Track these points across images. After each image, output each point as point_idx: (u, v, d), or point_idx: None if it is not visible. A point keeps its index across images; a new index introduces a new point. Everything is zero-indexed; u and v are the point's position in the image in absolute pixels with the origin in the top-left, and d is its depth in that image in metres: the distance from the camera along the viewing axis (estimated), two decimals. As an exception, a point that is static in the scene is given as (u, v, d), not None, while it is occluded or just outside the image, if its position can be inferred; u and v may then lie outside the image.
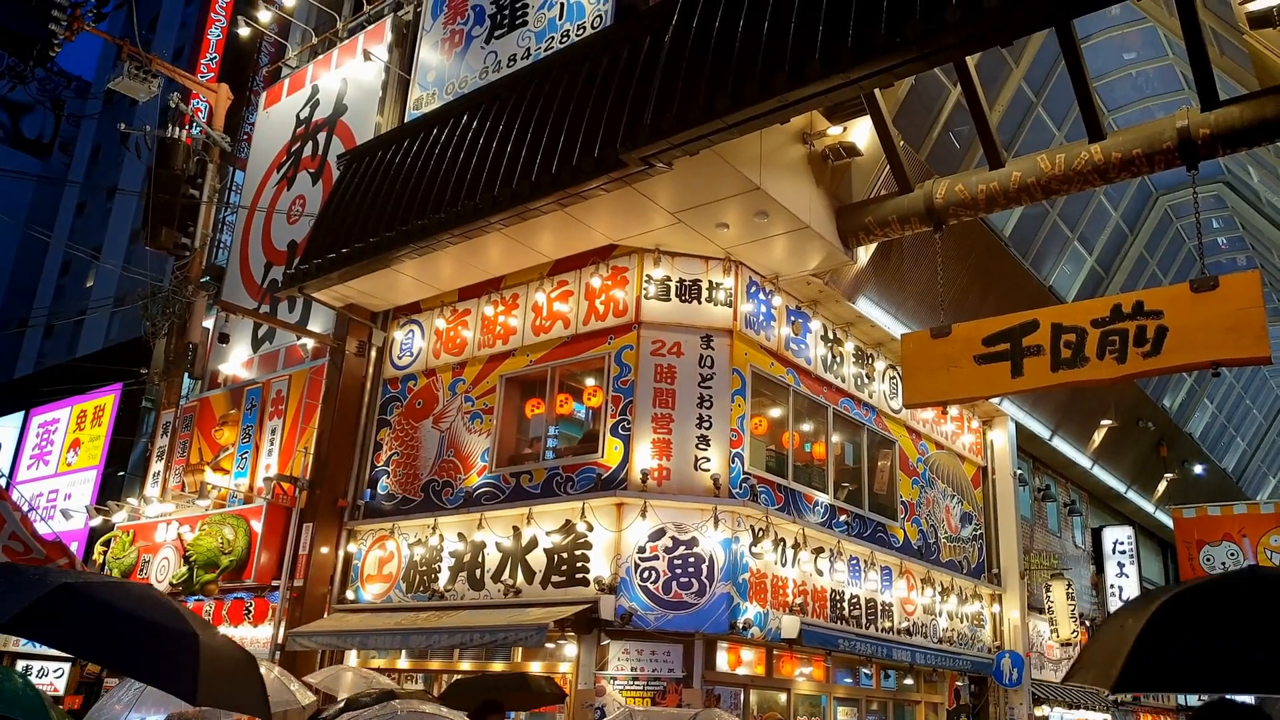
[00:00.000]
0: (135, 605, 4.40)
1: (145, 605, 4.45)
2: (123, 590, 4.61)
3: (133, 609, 4.35)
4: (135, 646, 4.23)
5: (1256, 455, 31.80)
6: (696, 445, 10.36)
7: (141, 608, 4.40)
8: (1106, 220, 18.48)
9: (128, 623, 4.25)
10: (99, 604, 4.30)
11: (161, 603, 4.52)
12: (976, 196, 9.85)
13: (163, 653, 4.22)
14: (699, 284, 10.90)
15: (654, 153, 8.92)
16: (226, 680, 4.38)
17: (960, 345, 9.16)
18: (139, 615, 4.32)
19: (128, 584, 4.68)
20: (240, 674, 4.59)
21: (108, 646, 4.26)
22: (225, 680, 4.36)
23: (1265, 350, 7.78)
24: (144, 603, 4.48)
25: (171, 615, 4.40)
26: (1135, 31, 15.71)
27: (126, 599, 4.48)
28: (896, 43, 7.43)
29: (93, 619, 4.24)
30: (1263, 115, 8.45)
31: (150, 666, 4.27)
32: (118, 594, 4.50)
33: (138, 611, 4.34)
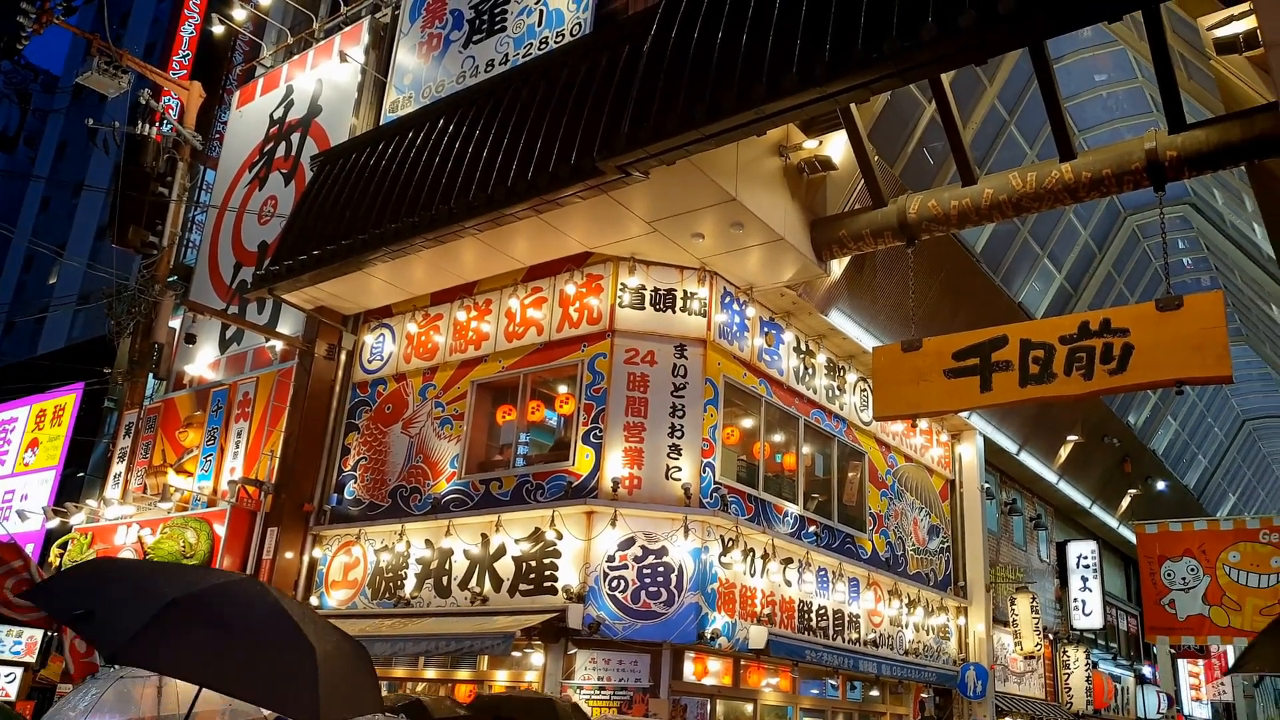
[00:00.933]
0: (246, 616, 4.16)
1: (257, 616, 4.19)
2: (230, 597, 4.33)
3: (245, 622, 4.12)
4: (252, 668, 3.98)
5: (1217, 473, 32.36)
6: (668, 454, 10.35)
7: (253, 619, 4.16)
8: (1076, 238, 18.74)
9: (242, 640, 4.03)
10: (211, 621, 4.07)
11: (273, 609, 4.26)
12: (949, 212, 9.94)
13: (281, 673, 3.98)
14: (674, 293, 10.91)
15: (631, 161, 8.92)
16: (345, 682, 4.21)
17: (930, 359, 9.21)
18: (252, 630, 4.08)
19: (233, 586, 4.42)
20: (355, 673, 4.41)
21: (224, 670, 3.98)
22: (343, 684, 4.18)
23: (1227, 369, 7.90)
24: (254, 612, 4.21)
25: (285, 626, 4.15)
26: (1106, 54, 15.98)
27: (234, 607, 4.23)
28: (873, 59, 7.48)
29: (206, 639, 3.98)
30: (1227, 139, 8.61)
31: (270, 690, 4.00)
32: (227, 605, 4.23)
33: (250, 625, 4.11)
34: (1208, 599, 14.88)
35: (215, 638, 4.00)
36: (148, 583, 4.32)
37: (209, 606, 4.17)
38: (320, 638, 4.25)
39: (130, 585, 4.27)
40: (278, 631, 4.12)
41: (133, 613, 3.93)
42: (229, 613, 4.16)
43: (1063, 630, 20.41)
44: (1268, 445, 35.09)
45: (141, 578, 4.51)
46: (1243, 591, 14.69)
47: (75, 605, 4.09)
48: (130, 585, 4.27)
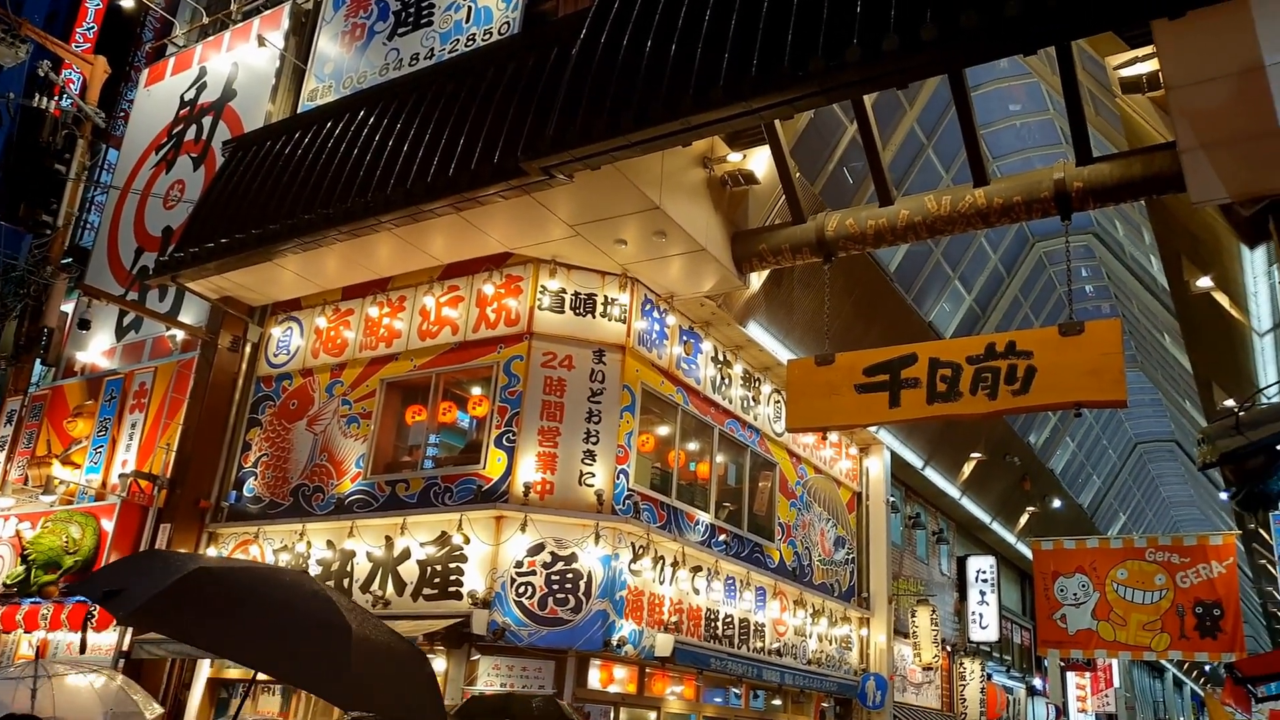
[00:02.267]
0: (279, 593, 4.00)
1: (292, 593, 4.02)
2: (264, 576, 4.17)
3: (278, 597, 3.94)
4: (276, 641, 3.78)
5: (1110, 493, 33.74)
6: (582, 460, 10.27)
7: (289, 596, 3.98)
8: (986, 262, 19.33)
9: (269, 613, 3.84)
10: (232, 591, 3.89)
11: (313, 592, 4.09)
12: (866, 231, 10.12)
13: (308, 650, 3.77)
14: (594, 298, 10.85)
15: (555, 164, 8.84)
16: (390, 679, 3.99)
17: (842, 374, 9.37)
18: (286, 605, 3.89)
19: (277, 571, 4.27)
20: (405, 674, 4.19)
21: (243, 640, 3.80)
22: (388, 680, 3.97)
23: (1122, 394, 8.22)
24: (291, 591, 4.05)
25: (324, 606, 3.98)
26: (1021, 85, 16.54)
27: (264, 584, 4.08)
28: (799, 77, 7.56)
29: (222, 607, 3.80)
30: (1129, 174, 8.96)
31: (293, 664, 3.81)
32: (258, 581, 4.08)
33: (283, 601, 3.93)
34: (1096, 614, 15.45)
35: (232, 607, 3.83)
36: (186, 561, 4.18)
37: (234, 579, 4.02)
38: (370, 628, 4.09)
39: (166, 562, 4.16)
40: (309, 609, 3.93)
41: (152, 582, 3.84)
42: (258, 587, 4.00)
43: (960, 642, 20.99)
44: (1156, 468, 36.76)
45: (182, 559, 4.35)
46: (1129, 607, 15.30)
47: (109, 585, 4.02)
48: (166, 562, 4.16)
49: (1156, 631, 15.03)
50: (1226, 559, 15.00)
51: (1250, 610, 30.97)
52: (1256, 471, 5.63)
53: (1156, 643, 15.03)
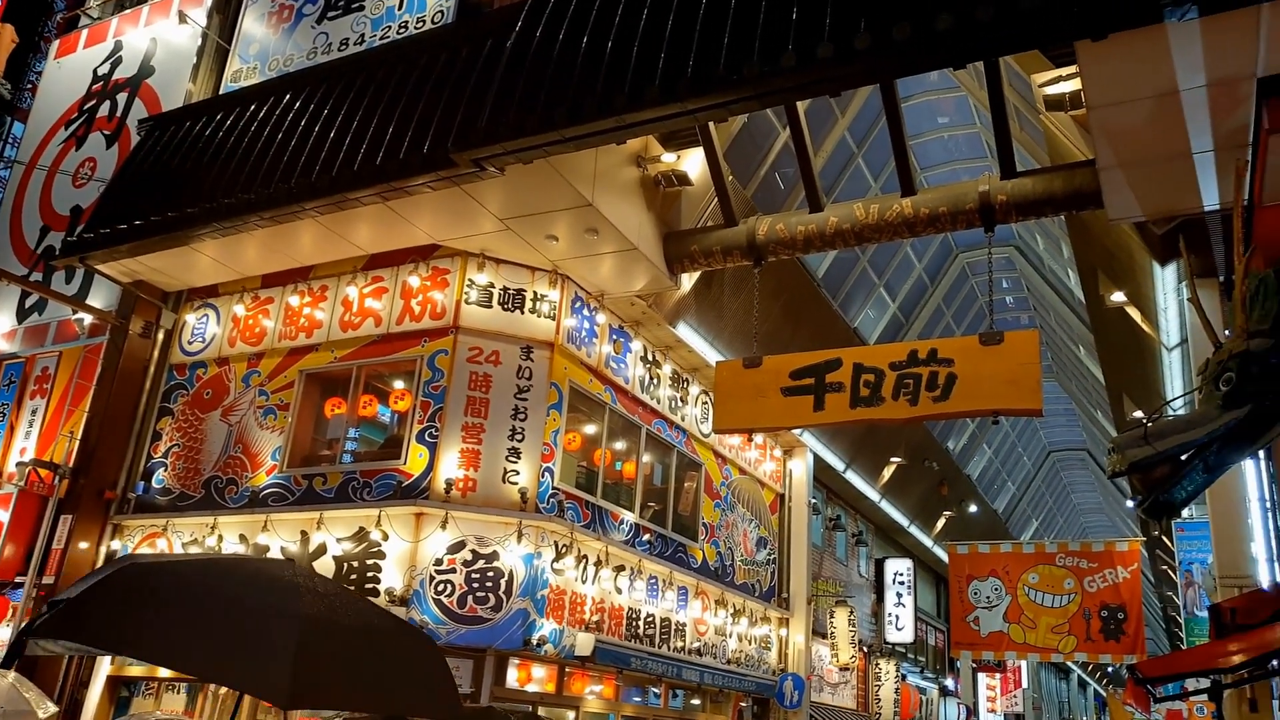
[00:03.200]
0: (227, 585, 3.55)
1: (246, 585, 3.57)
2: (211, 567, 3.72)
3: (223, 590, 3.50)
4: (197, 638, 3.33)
5: (1023, 499, 34.76)
6: (507, 457, 10.15)
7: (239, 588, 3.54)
8: (911, 271, 19.71)
9: (192, 604, 3.41)
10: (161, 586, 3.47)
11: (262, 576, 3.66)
12: (795, 237, 10.21)
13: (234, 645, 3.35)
14: (523, 294, 10.73)
15: (486, 156, 8.71)
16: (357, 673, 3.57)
17: (769, 376, 9.45)
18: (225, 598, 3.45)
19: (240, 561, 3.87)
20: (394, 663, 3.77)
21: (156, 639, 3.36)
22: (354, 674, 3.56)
23: (1038, 404, 8.42)
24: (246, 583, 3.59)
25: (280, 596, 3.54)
26: (950, 99, 16.90)
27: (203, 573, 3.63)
28: (734, 80, 7.58)
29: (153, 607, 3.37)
30: (1051, 190, 9.20)
31: (212, 661, 3.38)
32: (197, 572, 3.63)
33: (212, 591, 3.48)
34: (1008, 617, 15.88)
35: (157, 605, 3.41)
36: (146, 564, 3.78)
37: (169, 574, 3.58)
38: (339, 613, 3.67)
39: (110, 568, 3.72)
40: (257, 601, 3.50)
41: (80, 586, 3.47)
42: (197, 580, 3.57)
43: (876, 643, 21.38)
44: (1068, 475, 38.01)
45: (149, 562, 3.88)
46: (1039, 610, 15.76)
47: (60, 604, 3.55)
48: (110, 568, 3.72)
49: (1064, 634, 15.51)
50: (1131, 565, 15.55)
51: (1151, 614, 32.24)
52: (1161, 481, 5.79)
53: (1064, 645, 15.52)
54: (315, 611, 3.56)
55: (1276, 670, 6.79)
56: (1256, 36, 6.32)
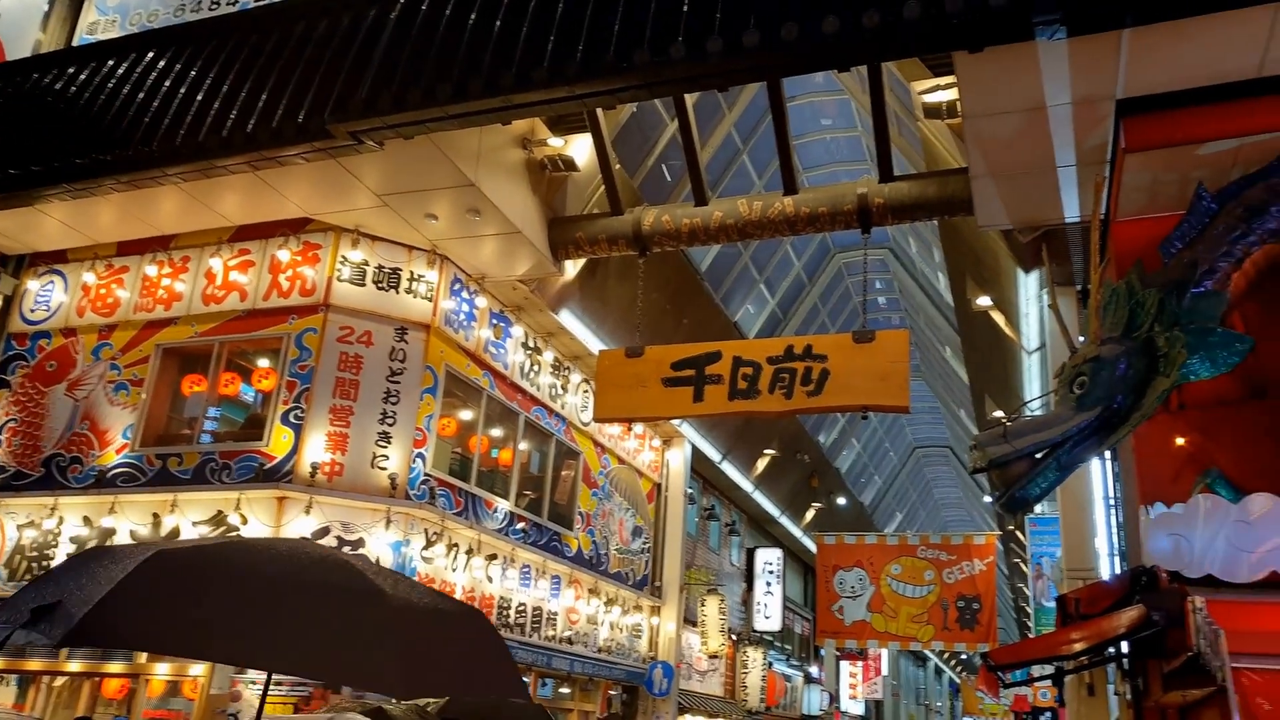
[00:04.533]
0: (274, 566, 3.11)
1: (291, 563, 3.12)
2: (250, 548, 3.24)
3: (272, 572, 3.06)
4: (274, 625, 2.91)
5: (889, 493, 36.06)
6: (377, 442, 9.85)
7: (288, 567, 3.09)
8: (790, 269, 20.11)
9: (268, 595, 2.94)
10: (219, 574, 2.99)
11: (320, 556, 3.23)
12: (680, 229, 10.24)
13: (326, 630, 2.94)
14: (399, 273, 10.41)
15: (365, 130, 8.39)
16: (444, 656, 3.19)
17: (651, 367, 9.48)
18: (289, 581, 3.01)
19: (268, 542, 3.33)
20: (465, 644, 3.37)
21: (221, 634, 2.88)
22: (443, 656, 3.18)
23: (906, 401, 8.71)
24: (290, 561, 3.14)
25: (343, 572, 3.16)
26: (834, 101, 17.27)
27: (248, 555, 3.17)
28: (623, 68, 7.51)
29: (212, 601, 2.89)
30: (925, 195, 9.49)
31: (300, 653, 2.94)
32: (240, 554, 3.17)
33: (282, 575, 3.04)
34: (871, 606, 16.45)
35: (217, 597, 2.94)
36: (138, 549, 3.18)
37: (206, 561, 3.09)
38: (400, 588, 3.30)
39: (115, 558, 3.12)
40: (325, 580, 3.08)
41: (96, 586, 2.87)
42: (242, 564, 3.10)
43: (745, 631, 21.81)
44: (932, 471, 39.63)
45: (135, 550, 3.25)
46: (900, 600, 16.38)
47: (38, 601, 2.99)
48: (115, 558, 3.12)
49: (923, 623, 16.17)
50: (987, 557, 16.31)
51: (1004, 604, 33.97)
52: (1018, 477, 6.06)
53: (923, 633, 16.19)
54: (395, 593, 3.25)
55: (1112, 657, 7.20)
56: (1117, 60, 6.63)
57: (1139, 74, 6.73)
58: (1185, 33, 6.32)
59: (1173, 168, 7.04)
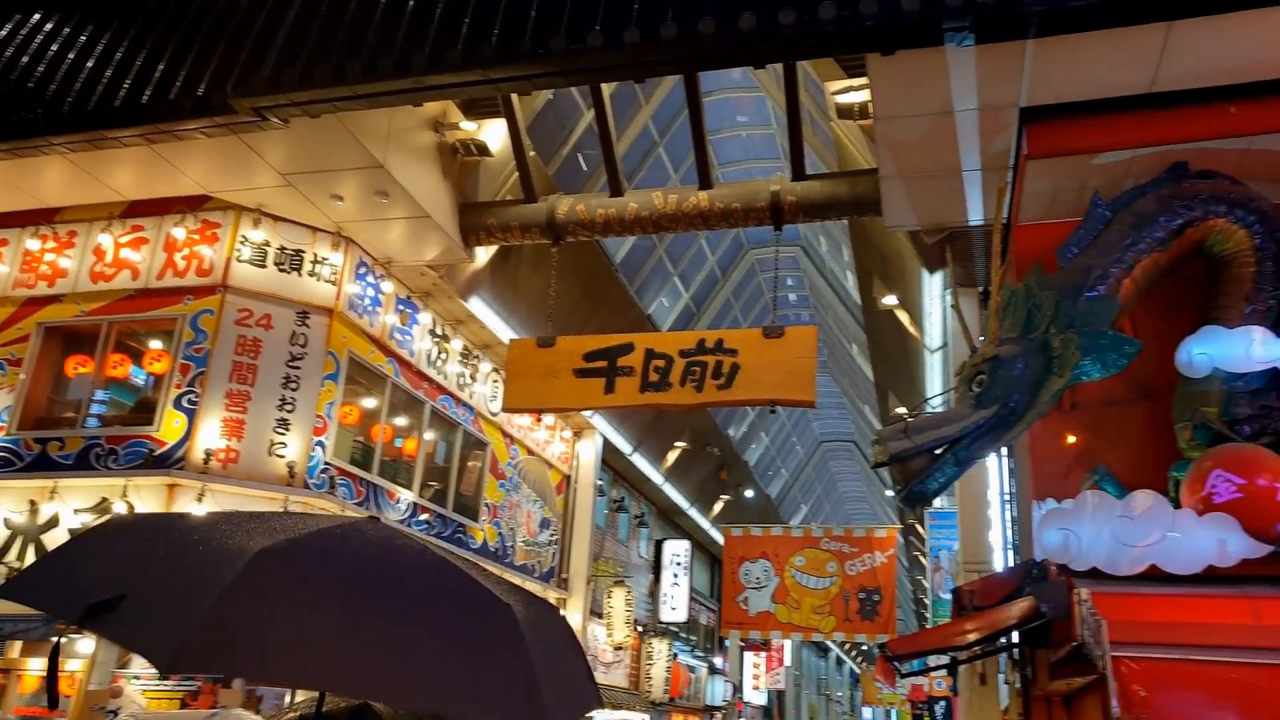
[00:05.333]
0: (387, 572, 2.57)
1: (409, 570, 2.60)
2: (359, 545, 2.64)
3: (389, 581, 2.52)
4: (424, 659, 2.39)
5: (795, 486, 36.71)
6: (275, 429, 9.53)
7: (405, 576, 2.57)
8: (704, 263, 20.23)
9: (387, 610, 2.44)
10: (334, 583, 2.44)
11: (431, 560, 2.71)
12: (595, 219, 10.17)
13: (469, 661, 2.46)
14: (302, 255, 10.09)
15: (269, 106, 8.09)
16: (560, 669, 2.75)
17: (563, 357, 9.41)
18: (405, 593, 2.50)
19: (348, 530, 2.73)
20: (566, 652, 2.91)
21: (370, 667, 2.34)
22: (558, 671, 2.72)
23: (813, 396, 8.84)
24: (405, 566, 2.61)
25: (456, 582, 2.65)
26: (750, 99, 17.42)
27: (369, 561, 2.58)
28: (539, 54, 7.41)
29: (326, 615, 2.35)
30: (836, 195, 9.63)
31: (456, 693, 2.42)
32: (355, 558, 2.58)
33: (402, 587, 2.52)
34: (775, 598, 16.67)
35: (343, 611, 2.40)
36: (204, 538, 2.58)
37: (323, 559, 2.52)
38: (512, 599, 2.78)
39: (178, 545, 2.55)
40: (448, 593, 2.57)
41: (190, 588, 2.32)
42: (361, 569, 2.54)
43: (651, 623, 21.91)
44: (837, 465, 40.50)
45: (190, 531, 2.68)
46: (803, 591, 16.65)
47: (83, 592, 2.38)
48: (178, 545, 2.55)
49: (825, 614, 16.46)
50: (888, 550, 16.70)
51: (904, 596, 34.96)
52: (918, 472, 6.18)
53: (824, 624, 16.49)
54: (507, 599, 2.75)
55: (1004, 647, 7.44)
56: (1022, 69, 6.83)
57: (1042, 84, 6.94)
58: (1084, 47, 6.54)
59: (1071, 175, 7.29)
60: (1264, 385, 6.13)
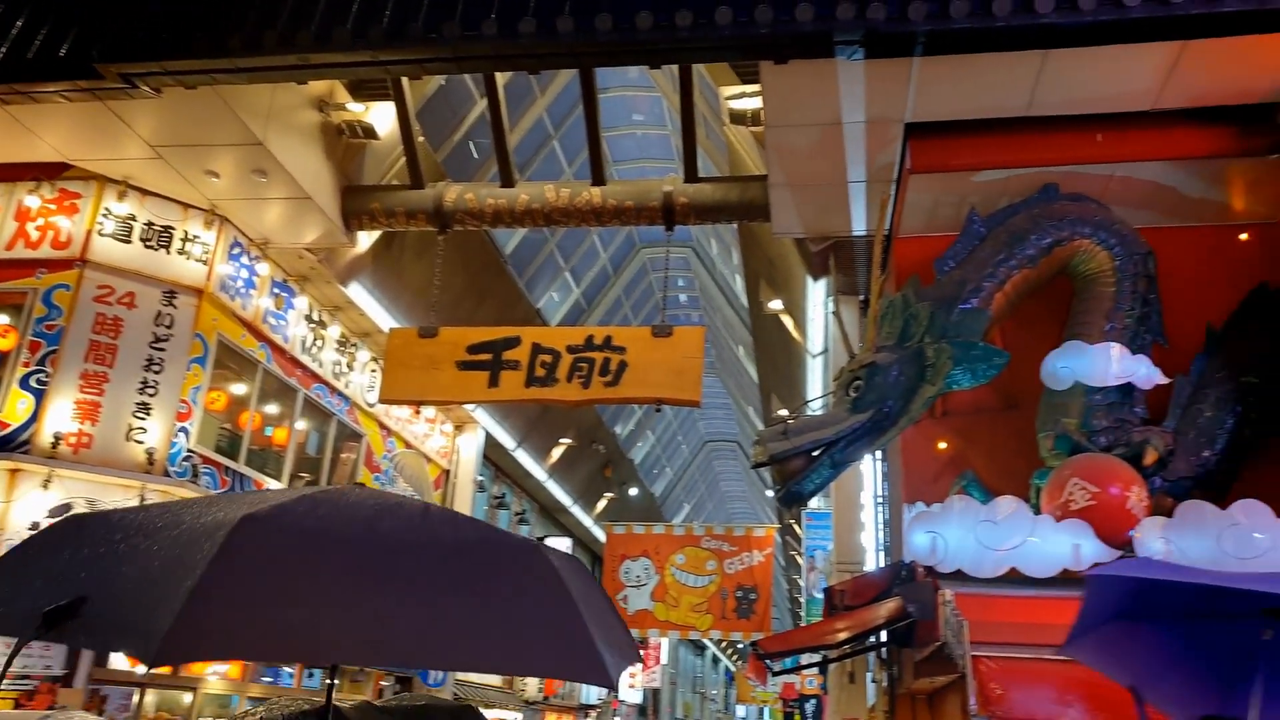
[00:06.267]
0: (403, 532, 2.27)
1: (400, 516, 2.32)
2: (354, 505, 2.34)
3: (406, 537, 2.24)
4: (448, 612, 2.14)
5: (679, 485, 37.08)
6: (134, 413, 9.01)
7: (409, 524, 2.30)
8: (596, 259, 20.19)
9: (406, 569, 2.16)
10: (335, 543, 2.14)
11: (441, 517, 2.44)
12: (484, 209, 9.99)
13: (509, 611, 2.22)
14: (172, 232, 9.58)
15: (141, 73, 7.63)
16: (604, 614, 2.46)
17: (446, 348, 9.22)
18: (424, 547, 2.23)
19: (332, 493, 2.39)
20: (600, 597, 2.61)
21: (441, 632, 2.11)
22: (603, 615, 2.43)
23: (698, 396, 8.91)
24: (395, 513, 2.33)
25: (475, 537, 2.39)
26: (646, 98, 17.46)
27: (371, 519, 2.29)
28: (431, 39, 7.23)
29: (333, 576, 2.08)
30: (727, 199, 9.73)
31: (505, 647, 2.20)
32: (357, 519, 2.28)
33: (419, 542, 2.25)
34: (654, 596, 16.75)
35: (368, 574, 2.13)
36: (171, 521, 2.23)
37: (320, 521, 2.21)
38: None
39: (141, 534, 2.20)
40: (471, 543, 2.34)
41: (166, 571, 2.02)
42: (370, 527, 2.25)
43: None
44: (720, 465, 41.10)
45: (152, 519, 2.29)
46: (682, 589, 16.77)
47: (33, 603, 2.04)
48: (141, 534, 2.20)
49: (703, 612, 16.63)
50: (766, 549, 16.99)
51: (780, 595, 35.76)
52: (796, 473, 6.29)
53: (701, 623, 16.66)
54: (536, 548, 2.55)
55: (873, 646, 7.65)
56: (908, 86, 7.02)
57: (926, 101, 7.15)
58: (967, 68, 6.78)
59: (951, 191, 7.55)
60: (1120, 399, 6.48)
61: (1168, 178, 7.32)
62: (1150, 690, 3.34)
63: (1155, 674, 3.35)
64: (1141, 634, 3.29)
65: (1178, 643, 3.26)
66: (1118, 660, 3.42)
